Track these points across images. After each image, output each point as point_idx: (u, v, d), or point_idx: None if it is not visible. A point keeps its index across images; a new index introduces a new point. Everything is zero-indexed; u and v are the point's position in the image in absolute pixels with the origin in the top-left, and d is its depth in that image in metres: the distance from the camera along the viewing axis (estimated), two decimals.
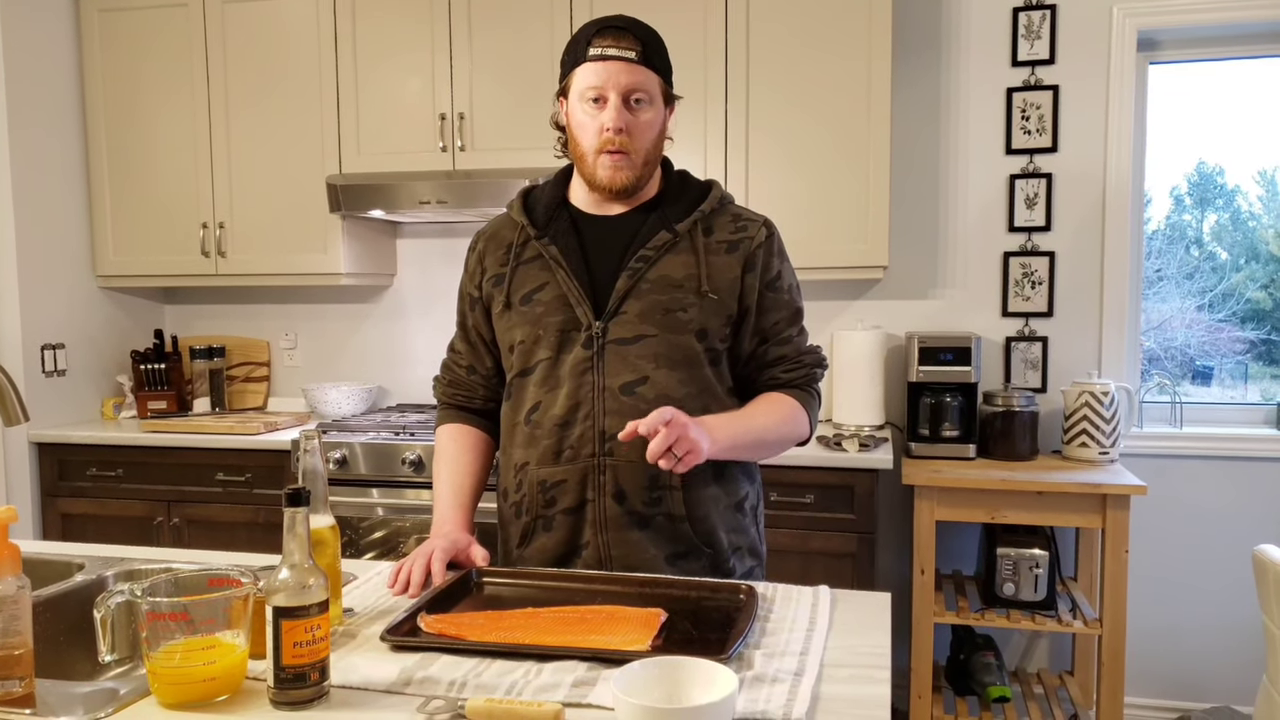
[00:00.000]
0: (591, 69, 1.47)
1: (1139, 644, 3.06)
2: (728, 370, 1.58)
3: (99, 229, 3.44)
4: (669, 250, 1.53)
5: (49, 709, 1.04)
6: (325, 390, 3.35)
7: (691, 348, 1.52)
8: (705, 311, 1.52)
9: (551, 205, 1.59)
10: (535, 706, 0.99)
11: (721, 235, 1.56)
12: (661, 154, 1.57)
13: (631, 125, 1.48)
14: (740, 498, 1.60)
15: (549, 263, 1.54)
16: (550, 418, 1.52)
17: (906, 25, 3.07)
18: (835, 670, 1.13)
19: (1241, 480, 2.98)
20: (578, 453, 1.51)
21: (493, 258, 1.61)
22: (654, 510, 1.50)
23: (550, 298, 1.53)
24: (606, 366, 1.50)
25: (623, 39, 1.47)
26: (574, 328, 1.52)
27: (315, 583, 1.04)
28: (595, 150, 1.49)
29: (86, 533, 3.20)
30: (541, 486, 1.53)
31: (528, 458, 1.55)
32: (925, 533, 2.64)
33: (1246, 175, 3.14)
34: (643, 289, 1.51)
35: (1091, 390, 2.79)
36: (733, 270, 1.54)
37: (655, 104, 1.51)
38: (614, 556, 1.51)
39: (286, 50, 3.22)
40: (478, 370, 1.68)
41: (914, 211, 3.13)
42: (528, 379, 1.56)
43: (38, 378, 3.24)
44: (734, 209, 1.60)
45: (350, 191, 3.07)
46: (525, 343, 1.55)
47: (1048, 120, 3.00)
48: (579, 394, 1.51)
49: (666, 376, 1.50)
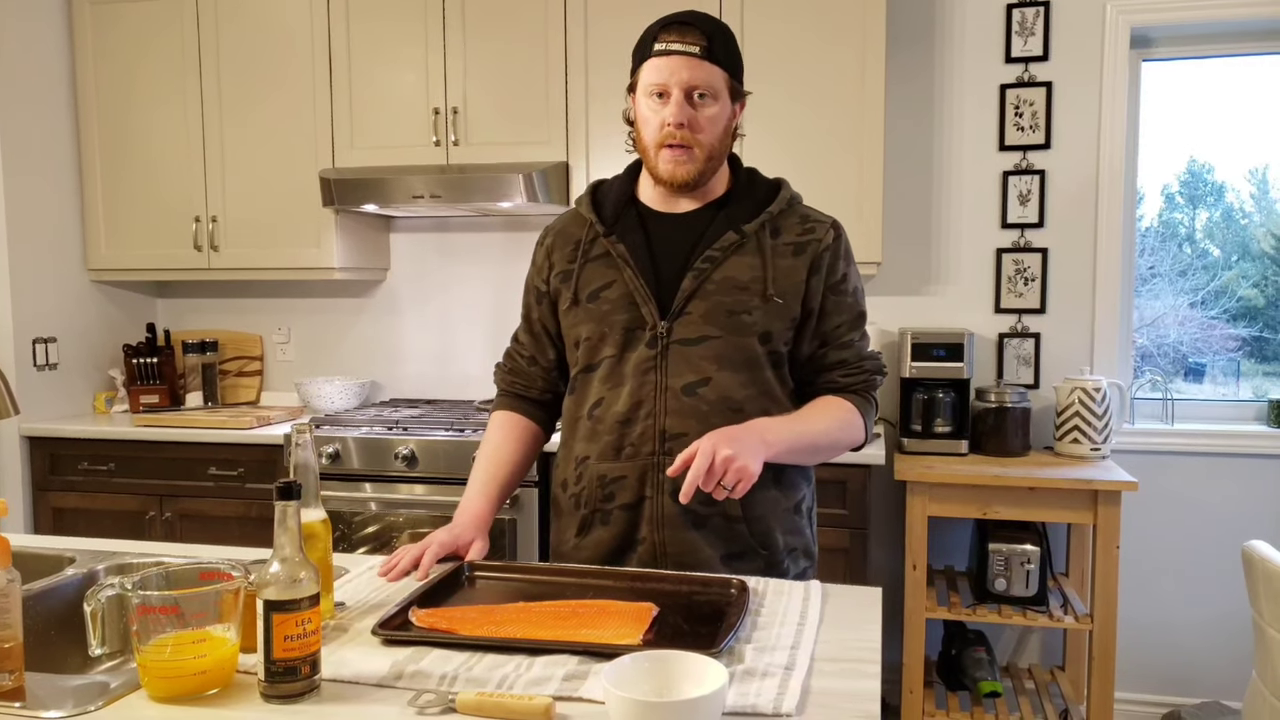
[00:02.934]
0: (655, 64, 1.48)
1: (1129, 639, 3.07)
2: (789, 373, 1.58)
3: (91, 222, 3.43)
4: (735, 251, 1.52)
5: (39, 702, 1.03)
6: (318, 385, 3.35)
7: (754, 350, 1.52)
8: (769, 315, 1.51)
9: (620, 202, 1.59)
10: (526, 700, 0.99)
11: (789, 237, 1.55)
12: (729, 150, 1.56)
13: (694, 120, 1.48)
14: (798, 500, 1.60)
15: (616, 260, 1.55)
16: (612, 414, 1.53)
17: (900, 21, 3.07)
18: (826, 664, 1.13)
19: (1232, 476, 2.99)
20: (638, 450, 1.51)
21: (561, 253, 1.61)
22: (711, 510, 1.50)
23: (617, 295, 1.54)
24: (670, 366, 1.51)
25: (688, 34, 1.47)
26: (639, 326, 1.53)
27: (306, 576, 1.04)
28: (657, 145, 1.50)
29: (78, 527, 3.19)
30: (601, 481, 1.54)
31: (589, 452, 1.56)
32: (917, 528, 2.65)
33: (1238, 173, 3.15)
34: (708, 290, 1.51)
35: (1083, 386, 2.79)
36: (799, 273, 1.53)
37: (720, 99, 1.50)
38: (669, 554, 1.51)
39: (280, 43, 3.21)
40: (539, 362, 1.69)
41: (907, 208, 3.13)
42: (592, 375, 1.57)
43: (29, 371, 3.23)
44: (802, 209, 1.60)
45: (343, 185, 3.06)
46: (591, 339, 1.56)
47: (1041, 117, 3.01)
48: (641, 392, 1.52)
49: (729, 378, 1.50)
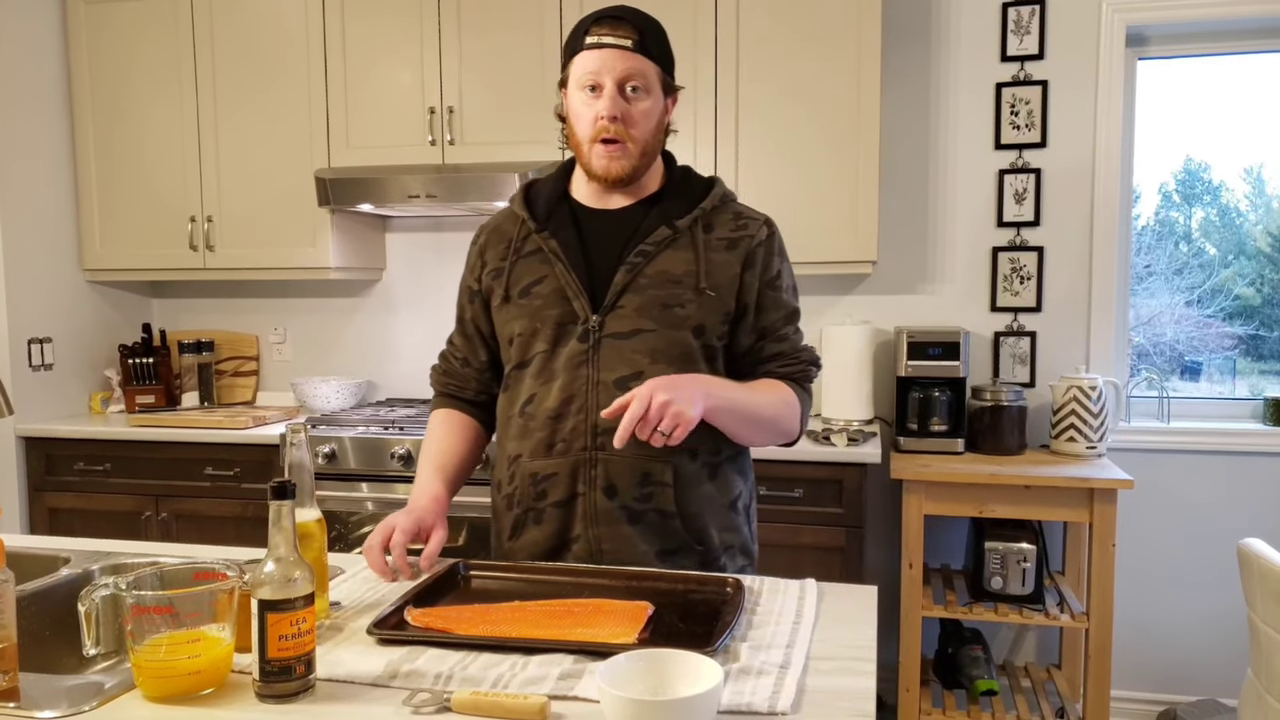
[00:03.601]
0: (588, 57, 1.47)
1: (1125, 637, 3.08)
2: (723, 368, 1.58)
3: (86, 222, 3.42)
4: (669, 246, 1.52)
5: (33, 703, 1.03)
6: (314, 384, 3.34)
7: (688, 344, 1.51)
8: (703, 308, 1.51)
9: (553, 198, 1.58)
10: (521, 699, 0.99)
11: (722, 232, 1.55)
12: (662, 145, 1.56)
13: (627, 114, 1.47)
14: (734, 496, 1.59)
15: (548, 256, 1.54)
16: (544, 410, 1.52)
17: (896, 19, 3.07)
18: (821, 663, 1.13)
19: (1228, 474, 3.00)
20: (570, 446, 1.50)
21: (494, 251, 1.61)
22: (645, 506, 1.50)
23: (549, 291, 1.53)
24: (602, 360, 1.50)
25: (619, 27, 1.47)
26: (571, 321, 1.52)
27: (301, 576, 1.04)
28: (590, 139, 1.49)
29: (74, 527, 3.18)
30: (533, 479, 1.53)
31: (521, 450, 1.55)
32: (914, 527, 2.65)
33: (1234, 172, 3.15)
34: (641, 284, 1.51)
35: (1079, 385, 2.80)
36: (732, 268, 1.53)
37: (653, 93, 1.50)
38: (605, 551, 1.51)
39: (275, 43, 3.20)
40: (471, 364, 1.68)
41: (903, 206, 3.13)
42: (524, 371, 1.56)
43: (24, 371, 3.22)
44: (736, 207, 1.60)
45: (339, 185, 3.06)
46: (523, 335, 1.55)
47: (1037, 115, 3.01)
48: (573, 387, 1.50)
49: (662, 371, 1.49)
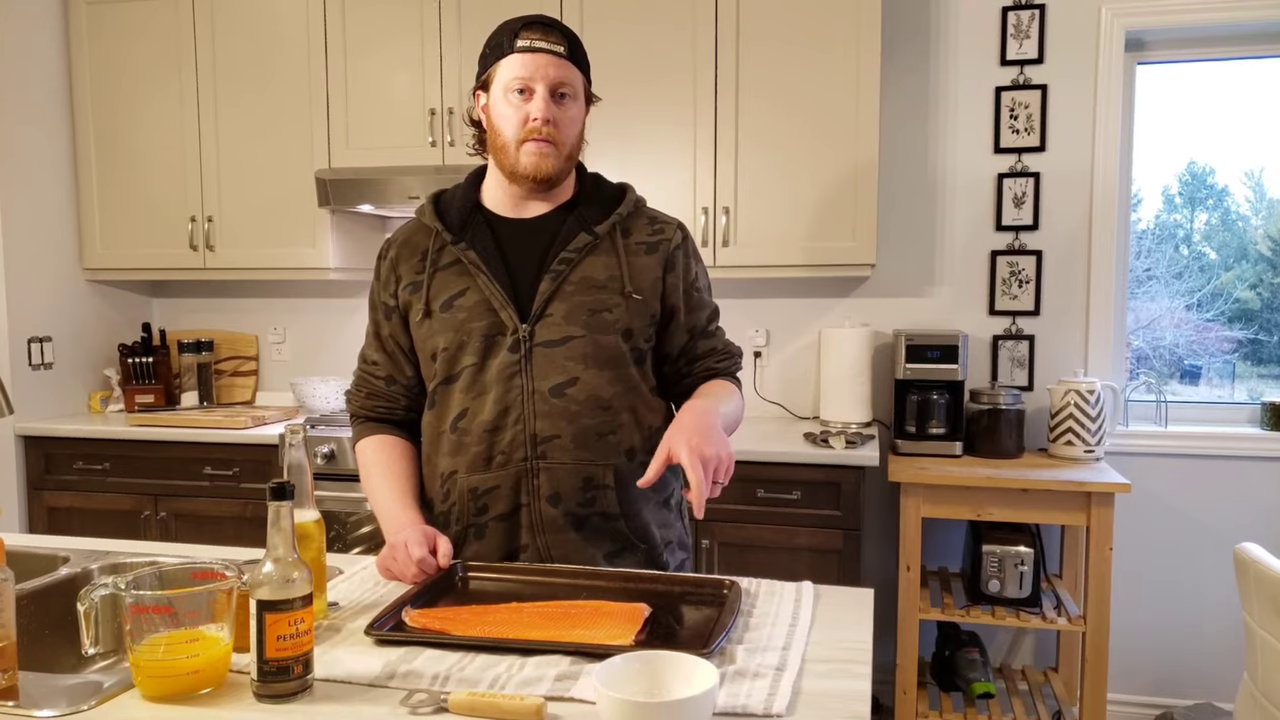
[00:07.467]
0: (519, 60, 1.48)
1: (1122, 641, 3.08)
2: (651, 369, 1.60)
3: (86, 222, 3.43)
4: (590, 252, 1.53)
5: (32, 701, 1.04)
6: (313, 384, 3.34)
7: (617, 347, 1.53)
8: (630, 311, 1.53)
9: (465, 209, 1.57)
10: (518, 700, 0.99)
11: (640, 237, 1.58)
12: (580, 152, 1.57)
13: (558, 118, 1.49)
14: (668, 494, 1.62)
15: (468, 268, 1.53)
16: (478, 424, 1.51)
17: (896, 23, 3.08)
18: (817, 665, 1.13)
19: (1225, 479, 3.00)
20: (509, 458, 1.50)
21: (407, 265, 1.57)
22: (589, 510, 1.51)
23: (472, 303, 1.51)
24: (535, 369, 1.50)
25: (550, 34, 1.50)
26: (499, 332, 1.50)
27: (299, 576, 1.05)
28: (519, 140, 1.49)
29: (73, 526, 3.19)
30: (472, 494, 1.52)
31: (455, 466, 1.53)
32: (911, 529, 2.65)
33: (1235, 176, 3.16)
34: (567, 290, 1.51)
35: (1077, 389, 2.80)
36: (653, 271, 1.56)
37: (579, 100, 1.53)
38: (554, 558, 1.52)
39: (275, 43, 3.21)
40: (398, 380, 1.63)
41: (902, 210, 3.13)
42: (452, 386, 1.54)
43: (24, 370, 3.23)
44: (649, 212, 1.63)
45: (339, 186, 3.06)
46: (448, 349, 1.52)
47: (1036, 119, 3.01)
48: (508, 399, 1.49)
49: (595, 376, 1.51)
